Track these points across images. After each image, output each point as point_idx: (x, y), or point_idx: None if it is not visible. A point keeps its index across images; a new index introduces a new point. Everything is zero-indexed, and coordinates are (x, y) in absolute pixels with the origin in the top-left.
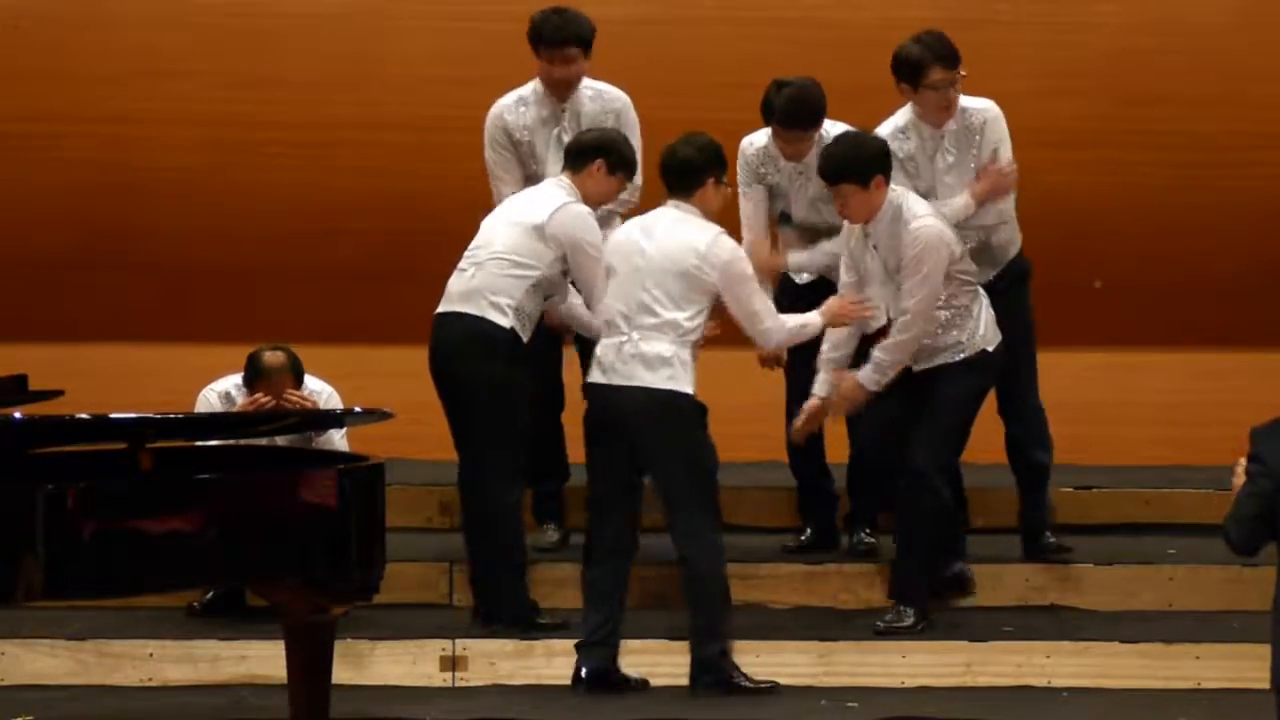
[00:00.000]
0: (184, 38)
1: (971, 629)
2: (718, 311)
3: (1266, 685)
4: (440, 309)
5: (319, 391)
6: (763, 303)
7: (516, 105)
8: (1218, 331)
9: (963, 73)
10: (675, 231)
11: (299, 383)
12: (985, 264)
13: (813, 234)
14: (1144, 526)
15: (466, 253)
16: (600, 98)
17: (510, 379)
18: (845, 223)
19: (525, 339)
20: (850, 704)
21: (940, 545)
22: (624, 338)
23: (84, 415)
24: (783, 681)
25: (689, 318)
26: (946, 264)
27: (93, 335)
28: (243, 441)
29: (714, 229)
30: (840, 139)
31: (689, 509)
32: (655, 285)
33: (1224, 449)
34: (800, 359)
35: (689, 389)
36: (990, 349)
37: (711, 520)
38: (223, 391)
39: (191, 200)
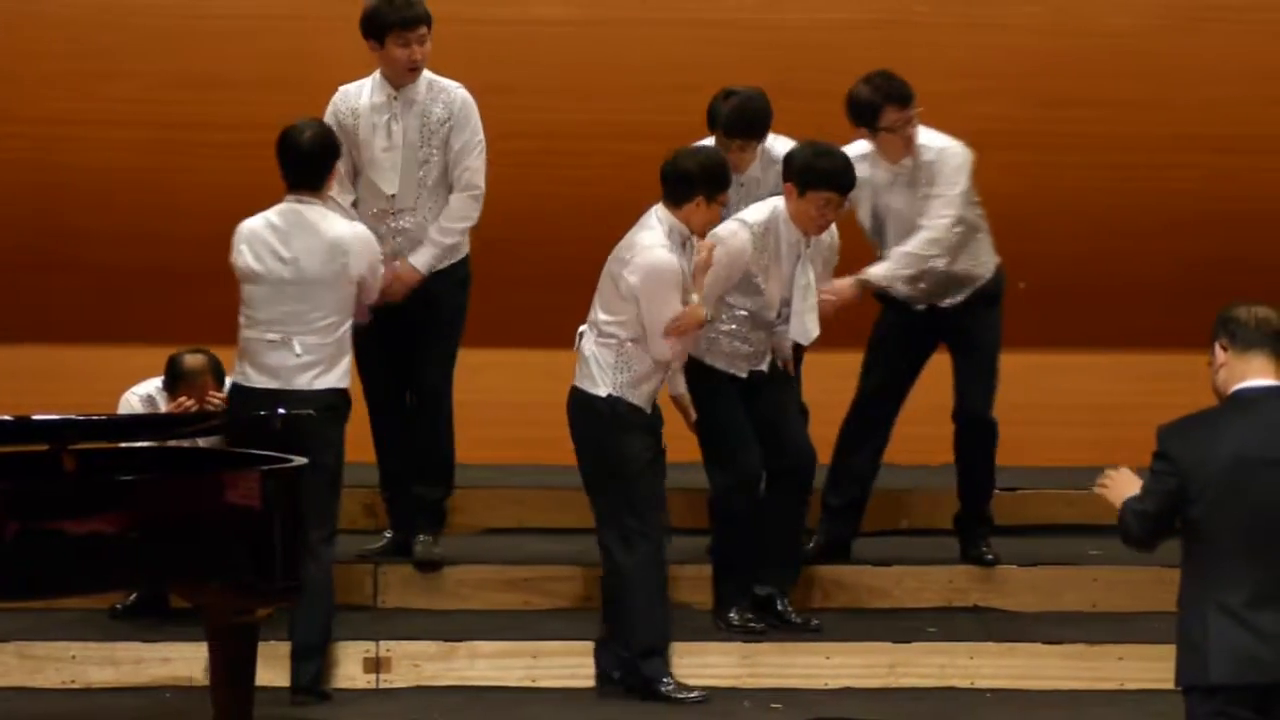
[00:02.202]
0: (120, 38)
1: (895, 630)
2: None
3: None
4: None
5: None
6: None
7: (355, 89)
8: (1142, 333)
9: (918, 109)
10: (630, 234)
11: (220, 385)
12: (951, 290)
13: None
14: (1068, 528)
15: None
16: (435, 88)
17: None
18: None
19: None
20: (774, 705)
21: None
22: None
23: (6, 417)
24: (706, 683)
25: (609, 320)
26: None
27: (18, 337)
28: (166, 443)
29: (658, 240)
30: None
31: (598, 507)
32: (602, 284)
33: (1149, 450)
34: None
35: (602, 390)
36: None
37: (625, 520)
38: (145, 395)
39: (122, 201)
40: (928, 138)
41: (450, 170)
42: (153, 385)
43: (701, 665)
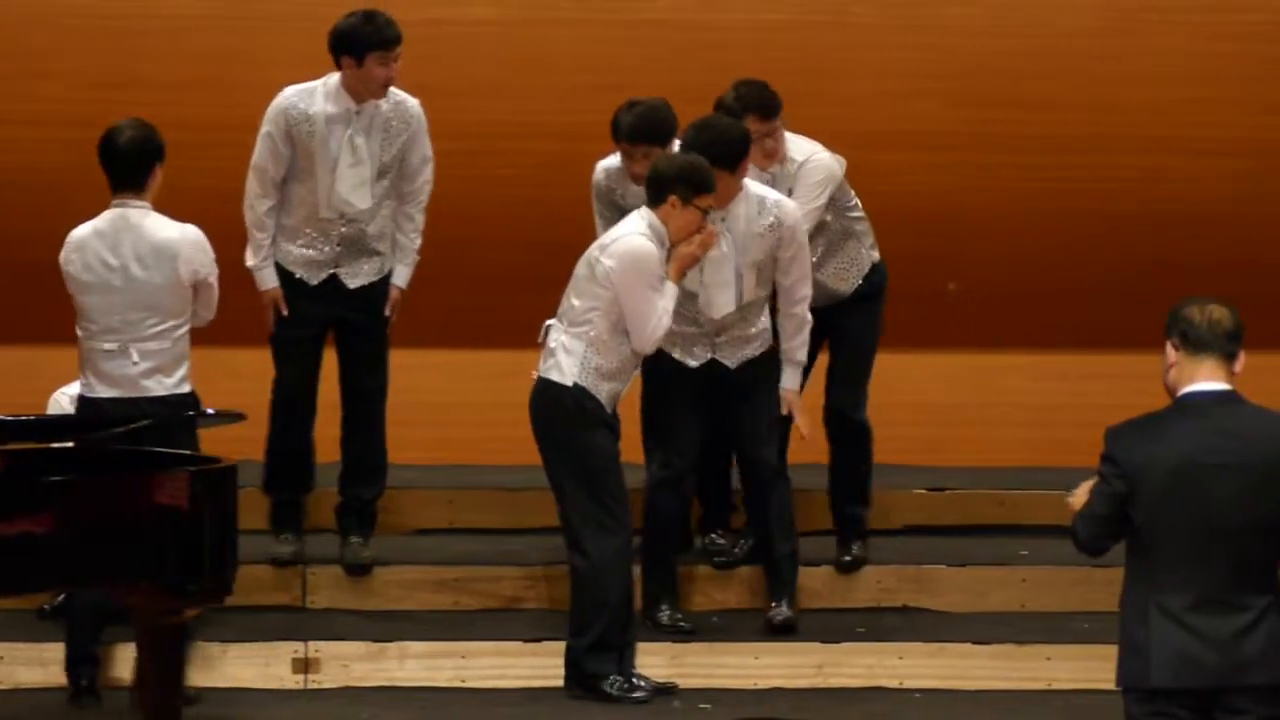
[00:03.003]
0: (49, 38)
1: (824, 630)
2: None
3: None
4: None
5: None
6: (649, 306)
7: (305, 95)
8: (1076, 334)
9: (779, 123)
10: (615, 227)
11: None
12: (823, 296)
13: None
14: (997, 528)
15: None
16: (393, 100)
17: None
18: None
19: None
20: (703, 705)
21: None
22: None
23: None
24: None
25: (582, 308)
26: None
27: None
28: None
29: (638, 228)
30: (708, 124)
31: (566, 501)
32: (577, 272)
33: (1081, 450)
34: None
35: (569, 380)
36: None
37: (596, 513)
38: (74, 395)
39: (49, 201)
40: (796, 149)
41: (403, 181)
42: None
43: None
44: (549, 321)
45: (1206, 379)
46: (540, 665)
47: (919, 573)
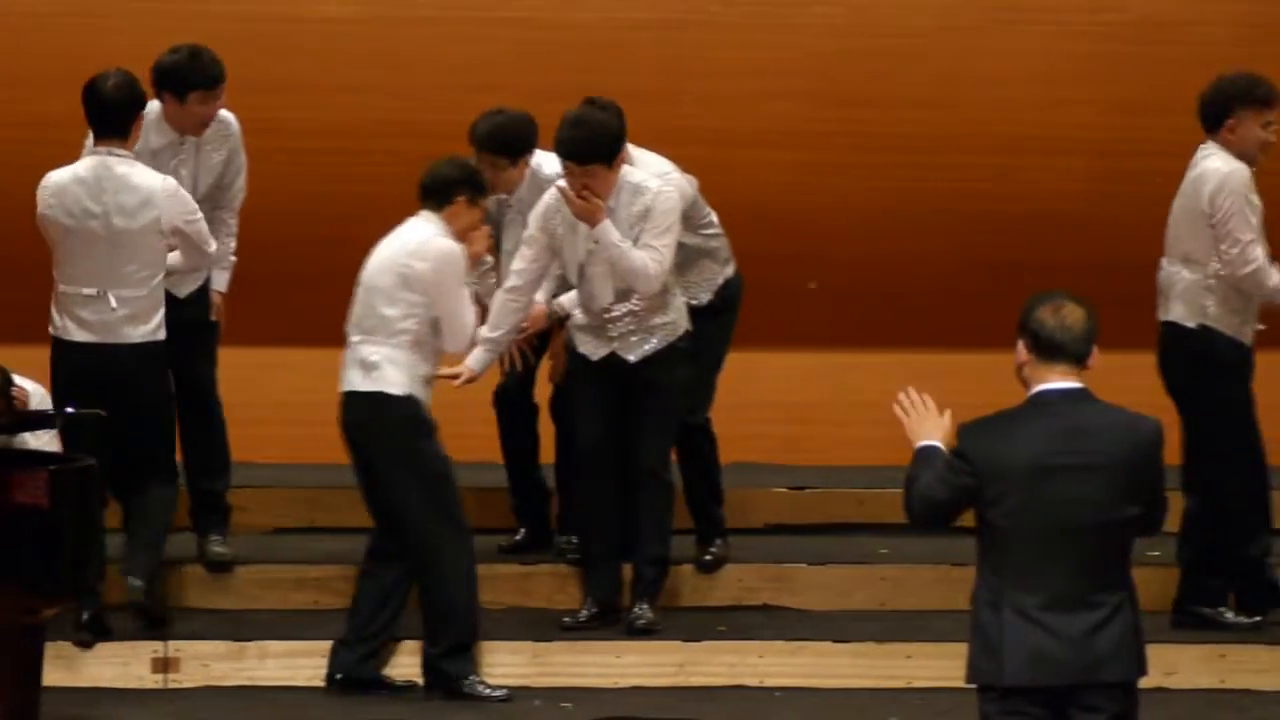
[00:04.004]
0: None
1: (685, 629)
2: None
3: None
4: None
5: (32, 392)
6: (465, 305)
7: None
8: (932, 332)
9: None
10: (399, 237)
11: (6, 384)
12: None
13: None
14: (857, 526)
15: None
16: (216, 120)
17: None
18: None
19: None
20: (564, 704)
21: None
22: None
23: None
24: (497, 682)
25: (398, 317)
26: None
27: None
28: None
29: (437, 231)
30: (583, 121)
31: (410, 508)
32: (378, 284)
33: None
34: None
35: (400, 390)
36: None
37: (442, 517)
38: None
39: None
40: (647, 169)
41: (219, 191)
42: None
43: (491, 664)
44: (354, 336)
45: (1059, 377)
46: (401, 664)
47: (779, 571)
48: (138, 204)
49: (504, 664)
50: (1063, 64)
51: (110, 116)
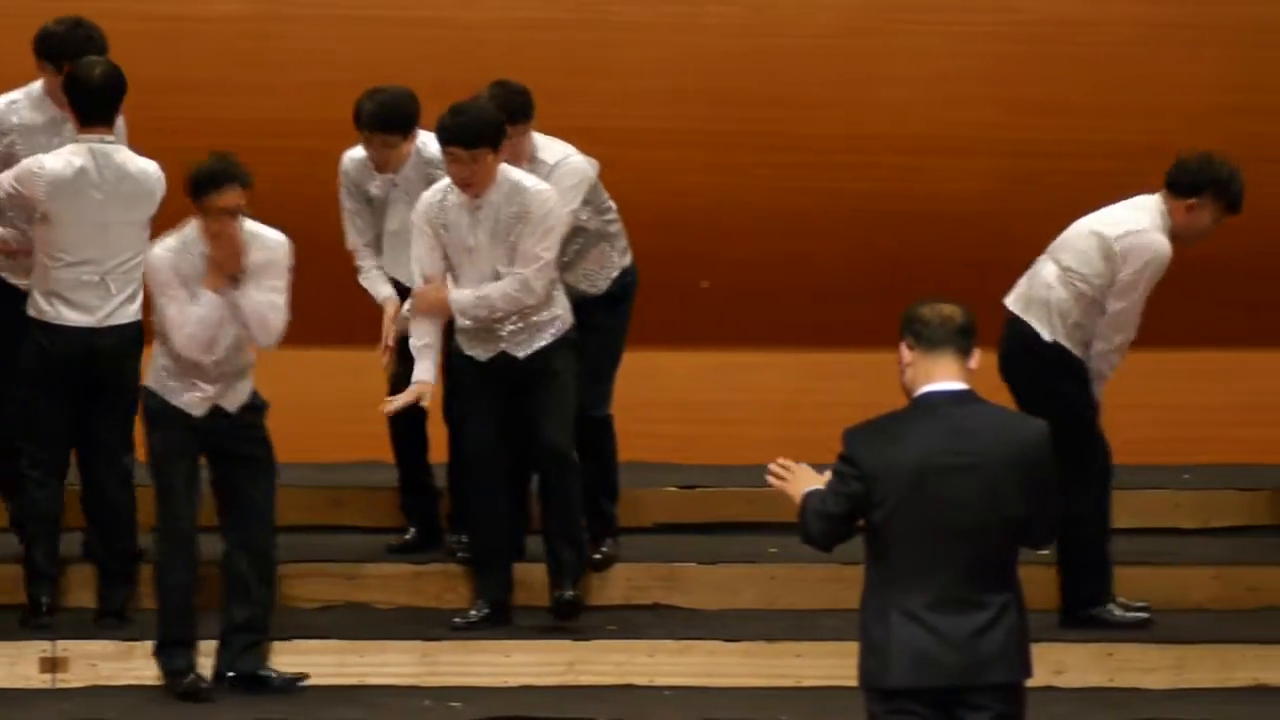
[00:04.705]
0: None
1: (575, 628)
2: None
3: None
4: None
5: None
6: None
7: (8, 105)
8: (825, 332)
9: (523, 127)
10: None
11: None
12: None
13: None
14: (747, 525)
15: None
16: None
17: None
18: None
19: None
20: (454, 704)
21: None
22: None
23: None
24: (386, 682)
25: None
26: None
27: None
28: None
29: (163, 240)
30: (464, 109)
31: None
32: None
33: (830, 449)
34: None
35: (149, 381)
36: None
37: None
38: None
39: None
40: (549, 152)
41: None
42: None
43: (381, 664)
44: None
45: (943, 378)
46: (288, 664)
47: (669, 570)
48: (136, 190)
49: (393, 663)
50: (963, 64)
51: (99, 103)
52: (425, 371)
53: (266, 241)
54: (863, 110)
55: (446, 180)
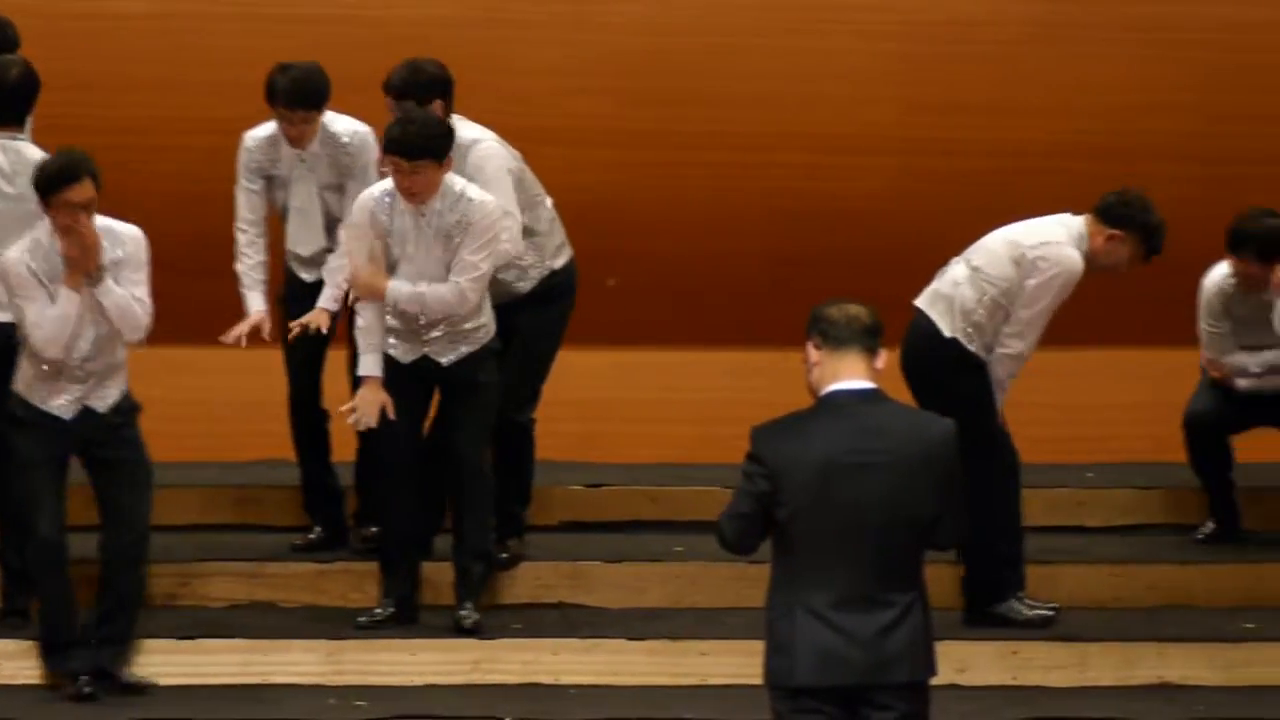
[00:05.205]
0: None
1: (481, 626)
2: None
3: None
4: None
5: None
6: (23, 314)
7: None
8: (736, 330)
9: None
10: None
11: None
12: (500, 294)
13: (327, 221)
14: (653, 524)
15: None
16: None
17: None
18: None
19: None
20: (359, 702)
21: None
22: None
23: None
24: (291, 681)
25: None
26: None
27: None
28: None
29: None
30: (412, 119)
31: None
32: None
33: (733, 446)
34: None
35: (16, 385)
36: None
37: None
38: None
39: None
40: (465, 183)
41: None
42: None
43: (286, 663)
44: None
45: (849, 377)
46: (193, 664)
47: (575, 569)
48: None
49: (298, 662)
50: (868, 64)
51: (13, 103)
52: (370, 366)
53: (120, 236)
54: (770, 109)
55: (389, 182)
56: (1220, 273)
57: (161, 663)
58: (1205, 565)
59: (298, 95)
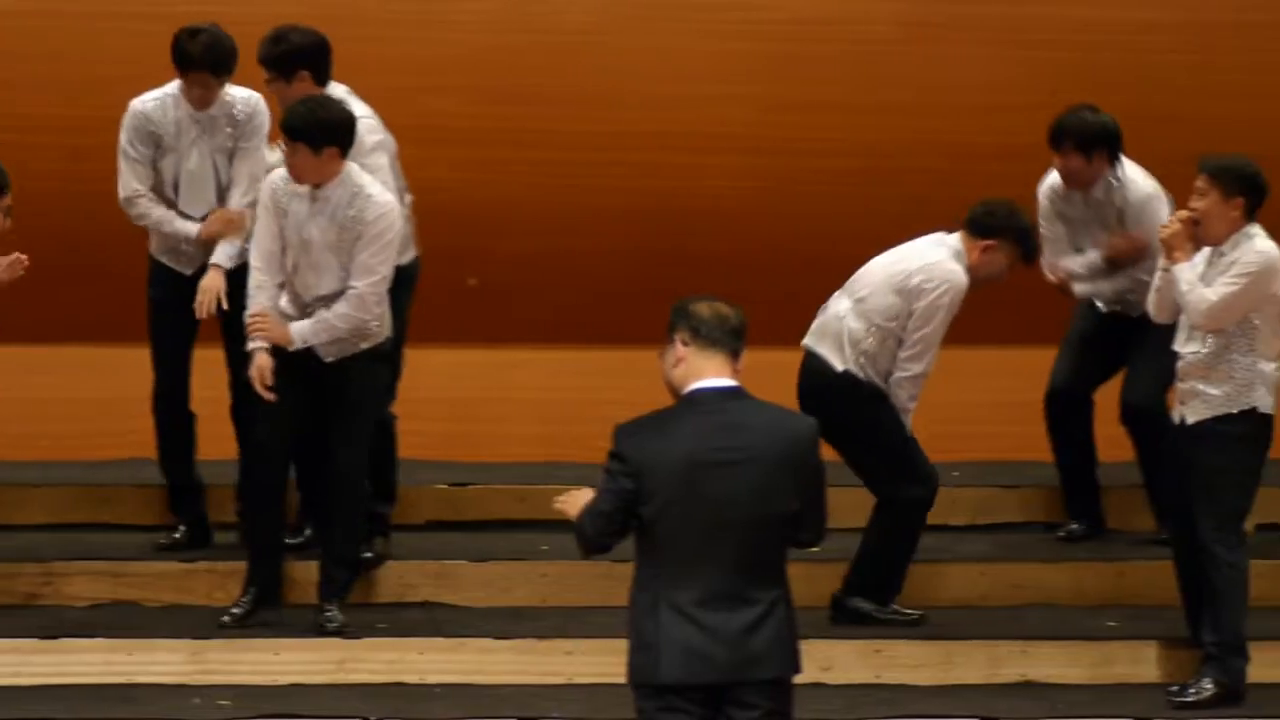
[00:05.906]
0: None
1: (345, 626)
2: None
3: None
4: None
5: None
6: None
7: None
8: (592, 329)
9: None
10: None
11: None
12: None
13: (218, 186)
14: (519, 523)
15: None
16: None
17: None
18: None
19: None
20: (222, 702)
21: None
22: None
23: None
24: (155, 680)
25: None
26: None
27: None
28: None
29: None
30: (309, 101)
31: None
32: None
33: (593, 445)
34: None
35: None
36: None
37: None
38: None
39: None
40: (367, 180)
41: None
42: None
43: (150, 662)
44: None
45: (714, 374)
46: (56, 663)
47: (440, 568)
48: None
49: (162, 661)
50: (717, 62)
51: None
52: (303, 330)
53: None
54: (617, 107)
55: None
56: (1053, 177)
57: (23, 662)
58: (1069, 564)
59: (214, 60)
